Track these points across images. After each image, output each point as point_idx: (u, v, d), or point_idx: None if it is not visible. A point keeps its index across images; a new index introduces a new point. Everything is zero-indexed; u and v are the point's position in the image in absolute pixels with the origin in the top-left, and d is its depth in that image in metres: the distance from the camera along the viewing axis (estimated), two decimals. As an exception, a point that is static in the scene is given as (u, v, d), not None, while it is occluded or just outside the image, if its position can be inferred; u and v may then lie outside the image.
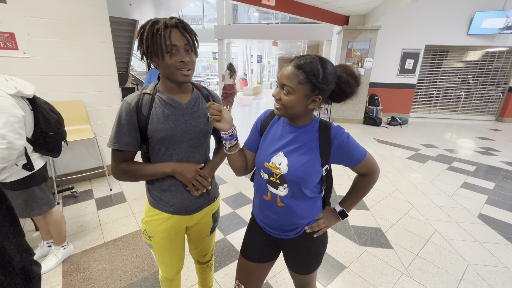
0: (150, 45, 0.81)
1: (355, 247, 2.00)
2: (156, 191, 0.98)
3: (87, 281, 1.61)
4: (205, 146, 1.02)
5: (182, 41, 0.82)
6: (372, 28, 6.08)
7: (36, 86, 1.51)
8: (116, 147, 0.87)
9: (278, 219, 0.92)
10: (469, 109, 8.05)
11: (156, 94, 0.91)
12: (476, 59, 7.51)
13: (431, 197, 2.84)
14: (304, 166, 0.83)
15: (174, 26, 0.81)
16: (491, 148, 4.86)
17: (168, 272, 1.14)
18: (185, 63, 0.83)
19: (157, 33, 0.79)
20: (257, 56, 18.40)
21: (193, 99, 0.95)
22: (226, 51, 11.31)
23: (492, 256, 1.94)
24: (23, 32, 2.34)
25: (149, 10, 5.97)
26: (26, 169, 1.45)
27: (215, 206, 1.12)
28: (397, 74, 7.23)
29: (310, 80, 0.75)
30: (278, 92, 0.81)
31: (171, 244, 1.05)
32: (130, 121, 0.86)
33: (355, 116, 6.88)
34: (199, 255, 1.24)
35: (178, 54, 0.82)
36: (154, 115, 0.88)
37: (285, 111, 0.82)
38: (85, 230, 2.12)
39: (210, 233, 1.16)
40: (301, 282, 1.05)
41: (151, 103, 0.89)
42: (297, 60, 0.78)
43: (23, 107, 1.38)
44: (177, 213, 0.99)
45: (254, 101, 11.34)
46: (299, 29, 9.86)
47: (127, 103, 0.87)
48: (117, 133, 0.87)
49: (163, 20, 0.81)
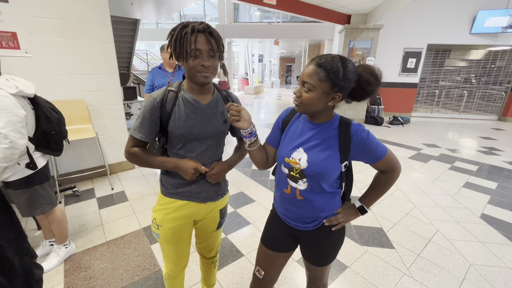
0: (178, 47, 0.86)
1: (356, 247, 1.99)
2: (170, 179, 1.03)
3: (88, 280, 1.62)
4: (219, 145, 1.07)
5: (207, 46, 0.86)
6: (374, 27, 6.05)
7: (38, 86, 1.52)
8: (137, 137, 0.95)
9: (298, 211, 0.96)
10: (472, 108, 8.01)
11: (180, 92, 0.97)
12: (479, 58, 7.47)
13: (433, 197, 2.83)
14: (323, 162, 0.86)
15: (201, 31, 0.85)
16: (494, 148, 4.83)
17: (173, 268, 1.15)
18: (205, 67, 0.87)
19: (185, 37, 0.84)
20: (259, 55, 18.39)
21: (214, 101, 1.01)
22: (228, 50, 11.31)
23: (495, 256, 1.93)
24: (25, 31, 2.35)
25: (151, 9, 5.96)
26: (29, 168, 1.45)
27: (223, 202, 1.15)
28: (399, 73, 7.21)
29: (330, 77, 0.78)
30: (299, 90, 0.84)
31: (178, 236, 1.08)
32: (152, 115, 0.93)
33: (357, 115, 6.86)
34: (205, 250, 1.26)
35: (201, 57, 0.86)
36: (177, 112, 0.94)
37: (304, 108, 0.85)
38: (86, 229, 2.13)
39: (216, 228, 1.19)
40: (315, 274, 1.08)
41: (174, 100, 0.95)
42: (318, 58, 0.80)
43: (25, 107, 1.38)
44: (188, 198, 1.03)
45: (256, 100, 11.34)
46: (300, 28, 9.84)
47: (153, 98, 0.93)
48: (140, 123, 0.94)
49: (192, 24, 0.86)
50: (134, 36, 6.64)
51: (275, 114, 7.96)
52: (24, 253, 0.77)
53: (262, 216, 2.37)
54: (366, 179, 3.17)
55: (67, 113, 2.71)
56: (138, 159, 0.97)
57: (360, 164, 0.89)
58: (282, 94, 14.58)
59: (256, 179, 3.15)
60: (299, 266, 1.78)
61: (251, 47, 15.96)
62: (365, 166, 0.85)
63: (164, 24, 16.43)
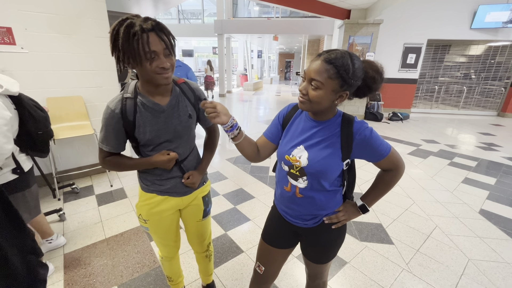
0: (127, 51, 0.77)
1: (356, 243, 2.00)
2: (148, 176, 1.04)
3: (88, 277, 1.62)
4: (189, 140, 1.07)
5: (161, 46, 0.79)
6: (374, 22, 6.00)
7: (35, 82, 1.47)
8: (106, 149, 0.94)
9: (298, 208, 0.95)
10: (471, 104, 8.00)
11: (138, 97, 0.91)
12: (479, 53, 7.44)
13: (432, 193, 2.84)
14: (324, 160, 0.84)
15: (151, 30, 0.76)
16: (493, 144, 4.84)
17: (167, 251, 1.21)
18: (165, 69, 0.82)
19: (134, 38, 0.75)
20: (258, 51, 18.27)
21: (174, 98, 0.97)
22: (226, 46, 11.21)
23: (493, 251, 1.94)
24: (20, 26, 2.31)
25: (148, 4, 5.89)
26: (16, 174, 1.33)
27: (204, 190, 1.18)
28: (399, 69, 7.17)
29: (340, 75, 0.74)
30: (305, 87, 0.80)
31: (166, 226, 1.12)
32: (115, 127, 0.90)
33: (356, 111, 6.84)
34: (196, 242, 1.28)
35: (158, 59, 0.80)
36: (140, 119, 0.91)
37: (311, 105, 0.81)
38: (86, 226, 2.12)
39: (203, 217, 1.21)
40: (315, 271, 1.08)
41: (134, 107, 0.90)
42: (326, 54, 0.76)
43: (9, 107, 1.24)
44: (168, 194, 1.06)
45: (255, 96, 11.29)
46: (300, 24, 9.75)
47: (111, 111, 0.88)
48: (105, 136, 0.92)
49: (138, 22, 0.75)
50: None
51: (275, 110, 7.93)
52: (28, 251, 0.74)
53: (261, 213, 2.37)
54: (365, 175, 3.17)
55: (65, 109, 2.70)
56: (114, 166, 0.99)
57: (360, 160, 0.88)
58: (281, 90, 14.51)
59: (255, 175, 3.14)
60: (299, 262, 1.79)
61: (250, 42, 15.83)
62: (365, 161, 0.84)
63: (162, 19, 16.25)
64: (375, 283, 1.63)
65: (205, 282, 1.53)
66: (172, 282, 1.38)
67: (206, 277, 1.50)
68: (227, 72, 11.43)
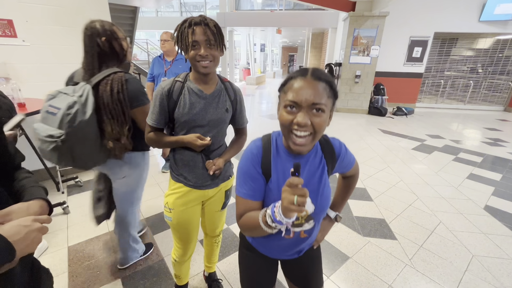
0: (180, 41, 0.96)
1: (358, 238, 1.99)
2: (177, 166, 1.12)
3: (92, 269, 1.63)
4: (221, 133, 1.14)
5: (203, 37, 0.93)
6: (379, 15, 5.87)
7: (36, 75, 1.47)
8: (150, 123, 1.06)
9: (291, 246, 0.85)
10: (477, 99, 7.87)
11: (186, 82, 1.04)
12: (487, 47, 7.27)
13: (437, 188, 2.81)
14: (326, 193, 0.79)
15: (198, 24, 0.93)
16: (499, 139, 4.77)
17: (183, 248, 1.25)
18: (202, 56, 0.95)
19: (184, 31, 0.93)
20: (260, 45, 18.06)
21: (217, 91, 1.08)
22: (229, 39, 11.10)
23: (498, 248, 1.92)
24: (21, 19, 2.29)
25: (150, -4, 5.81)
26: None
27: (229, 184, 1.27)
28: (404, 62, 7.05)
29: (333, 91, 0.67)
30: (305, 118, 0.63)
31: (188, 218, 1.18)
32: (161, 104, 1.02)
33: (360, 106, 6.77)
34: (209, 228, 1.36)
35: (198, 48, 0.94)
36: (182, 101, 1.02)
37: (315, 138, 0.67)
38: (89, 219, 2.14)
39: (221, 208, 1.29)
40: None
41: (181, 90, 1.03)
42: (316, 72, 0.66)
43: None
44: (194, 187, 1.13)
45: (257, 90, 11.22)
46: (303, 16, 9.60)
47: (161, 88, 1.02)
48: (152, 111, 1.05)
49: (190, 18, 0.94)
50: (133, 24, 6.50)
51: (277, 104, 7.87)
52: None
53: (264, 207, 2.36)
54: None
55: (67, 103, 2.69)
56: (154, 142, 1.10)
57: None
58: (284, 84, 14.37)
59: (258, 170, 3.13)
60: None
61: (253, 36, 15.65)
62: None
63: (164, 12, 16.08)
64: (377, 278, 1.62)
65: (207, 271, 1.55)
66: (180, 279, 1.41)
67: (209, 265, 1.52)
68: (229, 66, 11.35)
